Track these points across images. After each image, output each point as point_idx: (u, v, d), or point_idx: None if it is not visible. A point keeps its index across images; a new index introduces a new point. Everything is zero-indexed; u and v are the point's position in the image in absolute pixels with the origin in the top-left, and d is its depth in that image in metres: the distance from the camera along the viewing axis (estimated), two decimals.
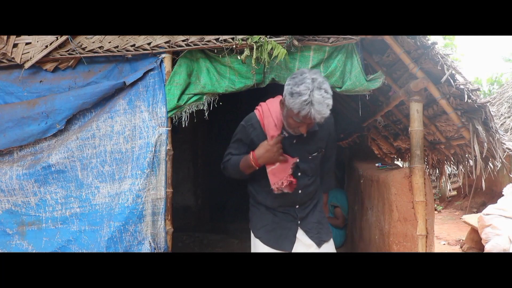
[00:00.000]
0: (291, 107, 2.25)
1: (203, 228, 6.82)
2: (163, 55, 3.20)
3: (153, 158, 3.12)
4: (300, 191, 2.71)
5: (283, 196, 2.66)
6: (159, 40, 3.15)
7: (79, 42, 3.19)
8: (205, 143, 7.29)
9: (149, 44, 3.17)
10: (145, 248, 3.05)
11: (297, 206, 2.75)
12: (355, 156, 5.67)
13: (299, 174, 2.68)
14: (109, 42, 3.18)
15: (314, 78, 2.22)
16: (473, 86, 2.97)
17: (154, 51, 3.18)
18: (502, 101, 7.58)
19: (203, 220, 7.12)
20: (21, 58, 3.21)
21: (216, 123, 7.30)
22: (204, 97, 3.24)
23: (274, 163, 2.55)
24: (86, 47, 3.19)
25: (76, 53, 3.19)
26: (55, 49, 3.19)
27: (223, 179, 7.88)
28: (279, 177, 2.59)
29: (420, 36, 2.95)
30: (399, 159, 6.72)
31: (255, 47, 3.00)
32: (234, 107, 6.82)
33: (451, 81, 2.94)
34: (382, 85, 3.28)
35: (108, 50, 3.18)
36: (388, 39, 3.07)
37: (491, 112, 3.09)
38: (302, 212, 2.76)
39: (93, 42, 3.19)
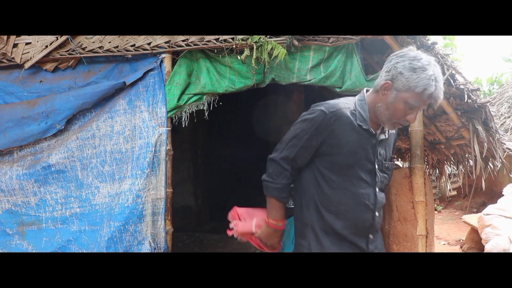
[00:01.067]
0: (413, 85, 1.89)
1: (203, 228, 6.81)
2: (163, 55, 3.20)
3: (153, 158, 3.12)
4: (377, 214, 2.14)
5: (358, 219, 2.09)
6: (159, 40, 3.16)
7: (79, 42, 3.19)
8: (205, 143, 7.28)
9: (149, 44, 3.17)
10: (145, 248, 3.05)
11: (370, 236, 2.15)
12: None
13: (377, 190, 2.14)
14: (109, 42, 3.18)
15: (427, 55, 1.95)
16: (473, 86, 2.97)
17: (154, 51, 3.18)
18: (502, 101, 7.59)
19: (203, 220, 7.10)
20: (21, 58, 3.21)
21: (216, 123, 7.30)
22: (204, 97, 3.23)
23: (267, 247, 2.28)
24: (86, 47, 3.19)
25: (76, 53, 3.19)
26: (55, 49, 3.20)
27: (223, 179, 7.93)
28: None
29: (420, 36, 2.95)
30: (399, 159, 6.72)
31: (255, 47, 3.00)
32: (234, 107, 6.82)
33: (451, 81, 2.94)
34: None
35: (108, 50, 3.19)
36: (388, 39, 3.08)
37: (491, 112, 3.09)
38: (373, 244, 2.17)
39: (93, 42, 3.19)
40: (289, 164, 2.10)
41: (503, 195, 5.75)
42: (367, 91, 2.22)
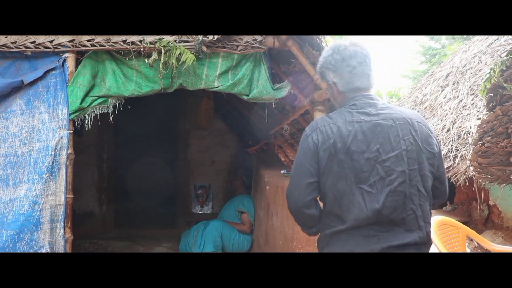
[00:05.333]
0: None
1: (108, 235, 6.60)
2: (66, 55, 3.07)
3: (52, 162, 2.98)
4: None
5: None
6: (62, 38, 3.01)
7: None
8: (111, 147, 7.06)
9: (51, 42, 3.02)
10: None
11: None
12: (262, 163, 5.78)
13: None
14: (6, 37, 2.97)
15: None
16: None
17: (56, 50, 3.04)
18: None
19: (108, 227, 6.88)
20: None
21: (123, 127, 7.10)
22: (109, 100, 3.15)
23: None
24: None
25: None
26: None
27: (129, 185, 7.72)
28: None
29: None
30: None
31: (163, 51, 2.97)
32: (142, 111, 6.69)
33: None
34: (288, 94, 3.39)
35: (4, 46, 2.98)
36: (294, 50, 3.19)
37: None
38: None
39: None
40: None
41: None
42: None
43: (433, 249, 3.45)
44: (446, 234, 3.22)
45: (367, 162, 1.73)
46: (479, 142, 3.00)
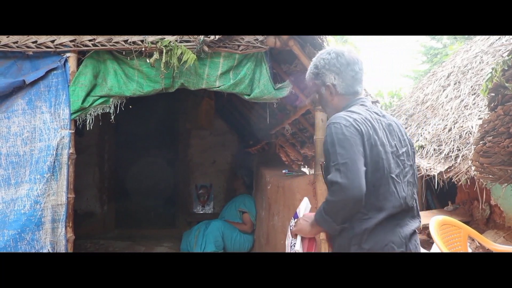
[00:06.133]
0: None
1: (109, 235, 6.60)
2: (67, 54, 3.08)
3: (54, 162, 2.98)
4: None
5: None
6: (64, 38, 3.02)
7: None
8: (112, 147, 7.06)
9: (52, 41, 3.02)
10: None
11: None
12: (263, 162, 5.78)
13: None
14: (7, 37, 2.98)
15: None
16: (372, 99, 3.16)
17: (58, 50, 3.04)
18: (400, 113, 8.12)
19: (109, 227, 6.88)
20: None
21: (124, 127, 7.10)
22: (111, 99, 3.15)
23: None
24: None
25: None
26: None
27: (130, 185, 7.73)
28: None
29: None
30: (306, 166, 6.94)
31: (164, 51, 2.97)
32: (143, 111, 6.69)
33: None
34: (289, 94, 3.39)
35: (6, 45, 2.99)
36: (296, 50, 3.19)
37: None
38: None
39: None
40: None
41: None
42: None
43: (434, 249, 3.46)
44: (447, 234, 3.21)
45: (391, 155, 1.88)
46: (481, 142, 3.00)
